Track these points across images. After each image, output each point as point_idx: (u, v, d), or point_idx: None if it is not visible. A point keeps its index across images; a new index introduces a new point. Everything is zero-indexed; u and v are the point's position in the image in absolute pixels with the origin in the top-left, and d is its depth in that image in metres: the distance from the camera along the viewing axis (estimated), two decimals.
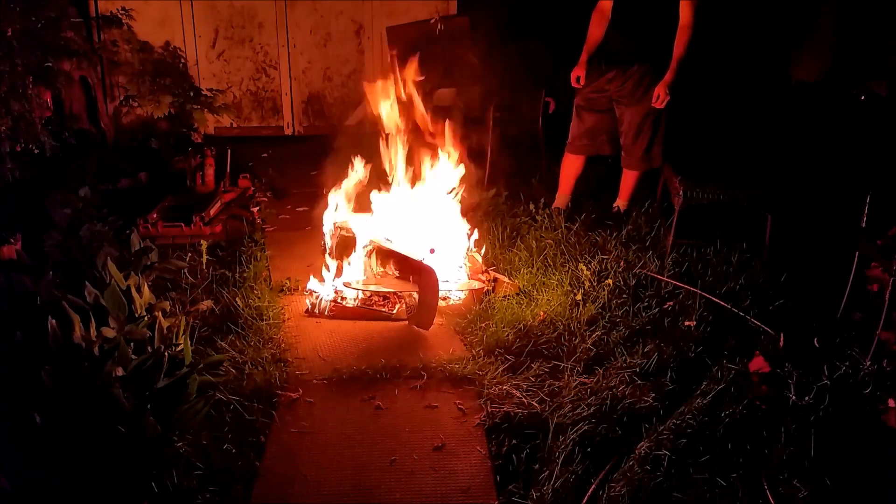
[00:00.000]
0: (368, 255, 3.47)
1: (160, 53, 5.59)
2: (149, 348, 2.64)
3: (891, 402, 2.52)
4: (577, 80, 4.08)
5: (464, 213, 3.74)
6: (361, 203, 3.70)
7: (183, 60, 5.64)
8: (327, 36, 6.11)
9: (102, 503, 2.11)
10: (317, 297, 3.37)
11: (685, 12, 3.79)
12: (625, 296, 3.34)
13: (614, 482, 2.22)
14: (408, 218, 3.61)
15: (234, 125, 6.23)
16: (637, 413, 2.55)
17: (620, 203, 4.38)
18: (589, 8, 4.07)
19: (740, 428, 2.45)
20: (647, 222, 4.13)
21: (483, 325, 3.16)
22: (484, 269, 3.59)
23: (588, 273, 3.51)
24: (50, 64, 4.17)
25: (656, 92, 3.91)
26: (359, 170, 3.69)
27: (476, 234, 3.73)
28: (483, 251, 3.72)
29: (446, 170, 3.70)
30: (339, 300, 3.38)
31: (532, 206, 4.32)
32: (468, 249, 3.64)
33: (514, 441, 2.42)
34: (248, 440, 2.43)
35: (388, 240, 3.53)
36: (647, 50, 3.93)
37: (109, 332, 2.63)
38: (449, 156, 3.70)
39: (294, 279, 3.59)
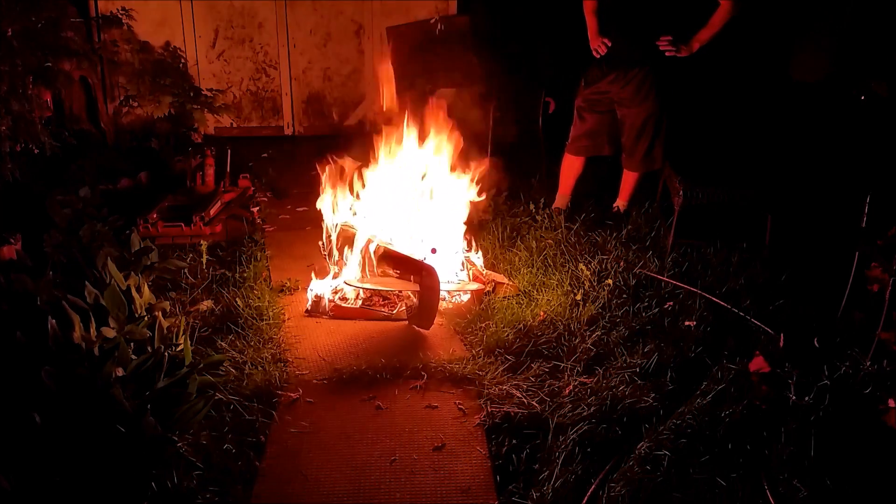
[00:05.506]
0: (371, 255, 3.46)
1: (160, 53, 5.59)
2: (149, 348, 2.64)
3: (891, 402, 2.52)
4: (597, 51, 4.00)
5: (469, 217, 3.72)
6: (359, 202, 3.69)
7: (183, 60, 5.64)
8: (327, 36, 6.11)
9: (102, 503, 2.11)
10: (317, 297, 3.36)
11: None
12: (625, 296, 3.33)
13: (614, 482, 2.22)
14: (409, 218, 3.60)
15: (234, 125, 6.23)
16: (637, 413, 2.55)
17: (620, 203, 4.38)
18: None
19: (740, 428, 2.45)
20: (647, 222, 4.13)
21: (483, 325, 3.16)
22: (481, 272, 3.58)
23: (588, 273, 3.51)
24: (50, 64, 4.17)
25: (678, 47, 3.85)
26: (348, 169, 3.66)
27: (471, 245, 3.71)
28: (480, 256, 3.71)
29: (454, 174, 3.69)
30: (339, 300, 3.38)
31: (532, 206, 4.32)
32: (465, 260, 3.63)
33: (514, 441, 2.42)
34: (248, 440, 2.43)
35: (388, 240, 3.53)
36: (649, 52, 3.92)
37: (109, 332, 2.64)
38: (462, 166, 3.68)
39: (294, 279, 3.59)
